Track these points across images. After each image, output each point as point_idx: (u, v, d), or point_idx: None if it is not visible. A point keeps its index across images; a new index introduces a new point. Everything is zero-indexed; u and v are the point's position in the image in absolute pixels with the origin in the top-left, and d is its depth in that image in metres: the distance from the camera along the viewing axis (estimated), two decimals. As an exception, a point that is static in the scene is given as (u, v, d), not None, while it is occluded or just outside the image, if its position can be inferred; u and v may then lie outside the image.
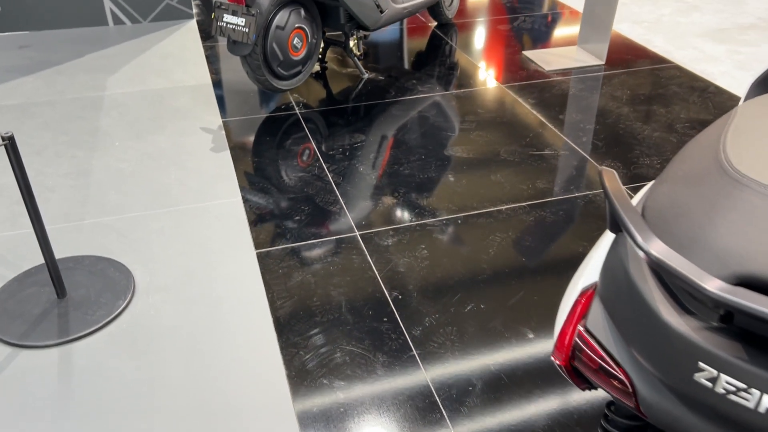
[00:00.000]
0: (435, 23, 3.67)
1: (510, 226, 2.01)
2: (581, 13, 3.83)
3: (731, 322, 0.56)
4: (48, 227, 2.00)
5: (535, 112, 2.69)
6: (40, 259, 1.86)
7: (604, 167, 0.74)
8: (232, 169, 2.30)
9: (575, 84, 2.93)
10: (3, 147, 1.46)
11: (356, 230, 2.00)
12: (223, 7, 2.45)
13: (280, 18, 2.57)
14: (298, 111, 2.71)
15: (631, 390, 0.67)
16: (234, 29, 2.44)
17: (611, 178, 0.71)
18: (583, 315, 0.74)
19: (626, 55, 3.23)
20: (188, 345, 1.58)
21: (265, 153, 2.40)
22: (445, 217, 2.06)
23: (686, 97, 2.80)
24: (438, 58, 3.22)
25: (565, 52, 3.26)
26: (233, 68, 3.10)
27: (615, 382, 0.69)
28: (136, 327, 1.63)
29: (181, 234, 1.97)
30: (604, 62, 3.13)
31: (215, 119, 2.63)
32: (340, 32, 3.01)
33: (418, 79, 2.99)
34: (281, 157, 2.38)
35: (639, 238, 0.57)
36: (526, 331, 1.63)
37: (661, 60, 3.18)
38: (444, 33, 3.54)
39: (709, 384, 0.56)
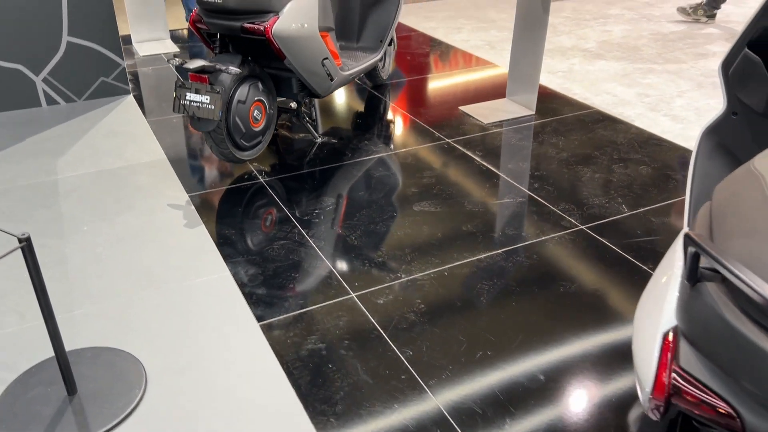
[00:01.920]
0: (371, 84, 3.85)
1: (493, 274, 2.15)
2: (501, 67, 4.15)
3: None
4: (35, 323, 1.93)
5: (485, 164, 2.89)
6: (36, 358, 1.80)
7: (689, 231, 0.86)
8: (212, 244, 2.32)
9: (513, 134, 3.18)
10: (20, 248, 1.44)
11: (352, 292, 2.07)
12: (186, 86, 2.50)
13: (241, 92, 2.65)
14: (262, 179, 2.76)
15: (738, 418, 0.80)
16: (199, 107, 2.49)
17: (699, 237, 0.84)
18: (674, 357, 0.88)
19: (552, 104, 3.53)
20: (217, 428, 1.59)
21: (241, 224, 2.44)
22: (432, 271, 2.17)
23: (613, 139, 3.11)
24: (383, 119, 3.38)
25: (497, 105, 3.52)
26: (185, 142, 3.11)
27: (718, 413, 0.82)
28: (158, 415, 1.62)
29: (177, 314, 1.97)
30: (534, 112, 3.41)
31: (181, 194, 2.64)
32: (291, 100, 3.11)
33: (369, 140, 3.13)
34: (257, 226, 2.42)
35: (759, 287, 0.71)
36: (537, 375, 1.76)
37: (583, 106, 3.50)
38: (382, 93, 3.72)
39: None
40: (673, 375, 0.87)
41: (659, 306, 0.97)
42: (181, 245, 2.30)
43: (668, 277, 0.99)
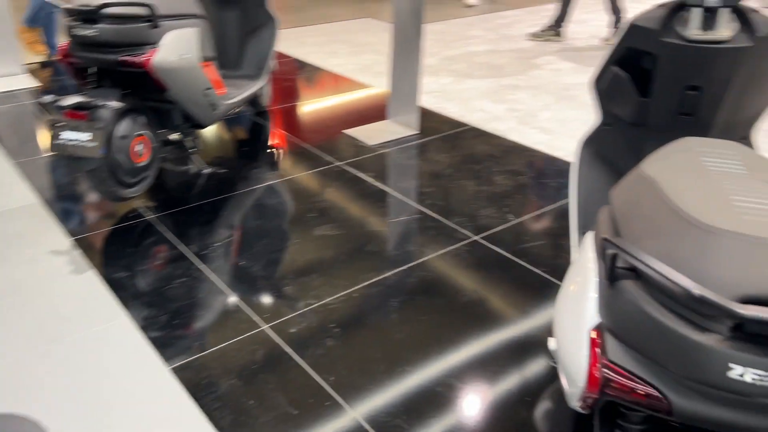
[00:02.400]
0: (254, 112, 3.81)
1: (400, 290, 2.21)
2: (379, 89, 4.27)
3: (741, 330, 0.82)
4: None
5: (377, 184, 2.96)
6: None
7: (607, 236, 0.95)
8: (105, 289, 2.18)
9: (400, 154, 3.28)
10: None
11: (263, 324, 2.04)
12: (61, 124, 2.35)
13: (122, 127, 2.53)
14: (149, 216, 2.65)
15: (665, 401, 0.90)
16: (77, 145, 2.35)
17: (618, 240, 0.93)
18: (600, 350, 0.97)
19: (432, 123, 3.69)
20: (143, 482, 1.50)
21: (133, 265, 2.32)
22: (341, 293, 2.19)
23: (492, 153, 3.30)
24: (270, 146, 3.36)
25: (380, 127, 3.62)
26: (61, 182, 2.91)
27: (647, 398, 0.91)
28: (74, 480, 1.50)
29: (80, 369, 1.84)
30: (418, 131, 3.54)
31: (62, 239, 2.46)
32: (175, 132, 3.01)
33: (258, 168, 3.10)
34: (152, 266, 2.32)
35: (678, 280, 0.80)
36: (453, 382, 1.82)
37: (460, 124, 3.69)
38: (265, 120, 3.70)
39: (741, 378, 0.81)
40: (604, 369, 0.95)
41: (580, 307, 1.06)
42: (71, 294, 2.15)
43: (583, 280, 1.09)
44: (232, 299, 2.15)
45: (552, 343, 1.36)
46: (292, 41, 5.47)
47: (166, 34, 2.57)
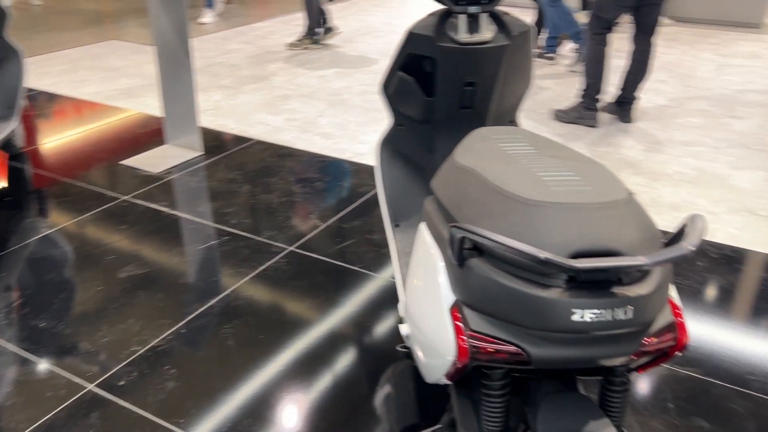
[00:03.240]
0: (8, 155, 3.39)
1: (231, 315, 2.17)
2: (147, 113, 4.07)
3: (575, 281, 0.99)
4: None
5: (175, 213, 2.84)
6: None
7: (455, 224, 1.06)
8: None
9: (190, 178, 3.19)
10: None
11: (88, 384, 1.87)
12: None
13: None
14: None
15: (524, 354, 1.05)
16: None
17: (466, 225, 1.05)
18: (462, 323, 1.09)
19: (215, 142, 3.63)
20: None
21: None
22: (168, 332, 2.09)
23: (284, 164, 3.36)
24: (37, 190, 3.03)
25: (161, 153, 3.47)
26: None
27: (509, 355, 1.06)
28: None
29: None
30: (202, 152, 3.46)
31: None
32: None
33: (30, 218, 2.78)
34: (-67, 351, 1.98)
35: (526, 249, 0.94)
36: (304, 388, 1.86)
37: (243, 139, 3.68)
38: (22, 163, 3.32)
39: (581, 319, 0.98)
40: (469, 339, 1.08)
41: (435, 290, 1.18)
42: None
43: (432, 267, 1.21)
44: (43, 366, 1.93)
45: (404, 328, 1.47)
46: (32, 73, 4.94)
47: None
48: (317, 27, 5.62)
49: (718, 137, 3.72)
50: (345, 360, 1.98)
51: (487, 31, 1.76)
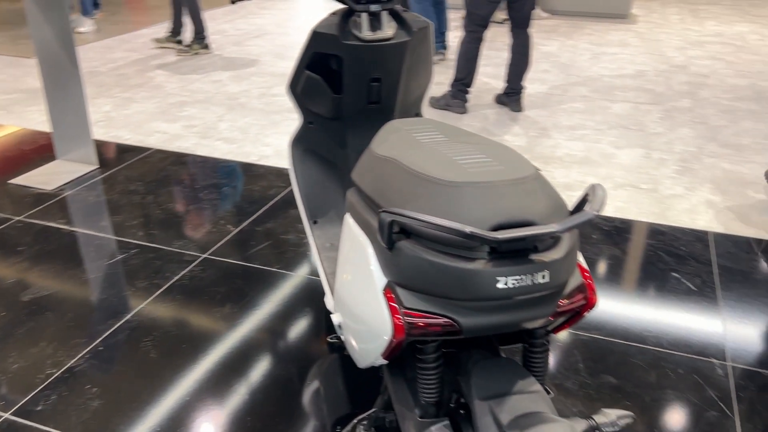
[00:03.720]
0: None
1: (150, 327, 2.12)
2: (28, 128, 3.85)
3: (497, 251, 1.07)
4: None
5: (76, 230, 2.72)
6: None
7: (384, 209, 1.11)
8: None
9: (88, 192, 3.06)
10: None
11: (4, 412, 1.78)
12: None
13: None
14: None
15: (456, 324, 1.12)
16: None
17: (395, 210, 1.10)
18: (396, 303, 1.14)
19: (110, 154, 3.49)
20: None
21: None
22: (85, 351, 2.01)
23: (187, 171, 3.29)
24: None
25: (53, 169, 3.30)
26: None
27: (442, 327, 1.12)
28: None
29: None
30: (98, 165, 3.32)
31: None
32: None
33: None
34: None
35: (454, 225, 1.01)
36: (233, 389, 1.86)
37: (141, 149, 3.57)
38: None
39: (505, 286, 1.06)
40: (405, 316, 1.14)
41: (366, 275, 1.23)
42: None
43: (362, 253, 1.26)
44: (-52, 401, 1.81)
45: (336, 317, 1.52)
46: None
47: None
48: (200, 35, 5.49)
49: (599, 120, 4.02)
50: (273, 359, 1.99)
51: (389, 28, 1.83)
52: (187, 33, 5.71)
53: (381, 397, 1.64)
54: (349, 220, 1.38)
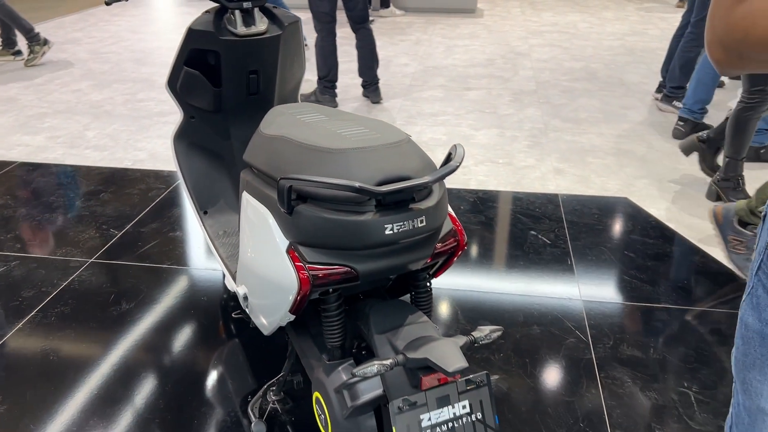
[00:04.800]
0: None
1: (43, 335, 2.11)
2: None
3: (381, 204, 1.25)
4: None
5: (-56, 248, 2.60)
6: None
7: (283, 177, 1.25)
8: None
9: (-49, 210, 2.91)
10: None
11: None
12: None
13: None
14: None
15: (353, 271, 1.29)
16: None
17: (293, 176, 1.24)
18: (299, 259, 1.29)
19: (-30, 170, 3.32)
20: None
21: None
22: (-23, 365, 1.98)
23: (59, 182, 3.21)
24: None
25: None
26: None
27: (342, 275, 1.29)
28: None
29: None
30: (-42, 183, 3.15)
31: None
32: None
33: None
34: None
35: (357, 185, 1.18)
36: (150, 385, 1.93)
37: (5, 163, 3.42)
38: None
39: (392, 232, 1.25)
40: (309, 270, 1.29)
41: (270, 240, 1.37)
42: None
43: (263, 221, 1.39)
44: None
45: (242, 289, 1.64)
46: None
47: None
48: (30, 34, 5.12)
49: (458, 106, 4.38)
50: (178, 347, 2.07)
51: (262, 24, 1.97)
52: (22, 42, 5.43)
53: (288, 361, 1.79)
54: (247, 197, 1.51)
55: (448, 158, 1.37)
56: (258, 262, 1.46)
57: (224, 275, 1.99)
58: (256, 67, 2.03)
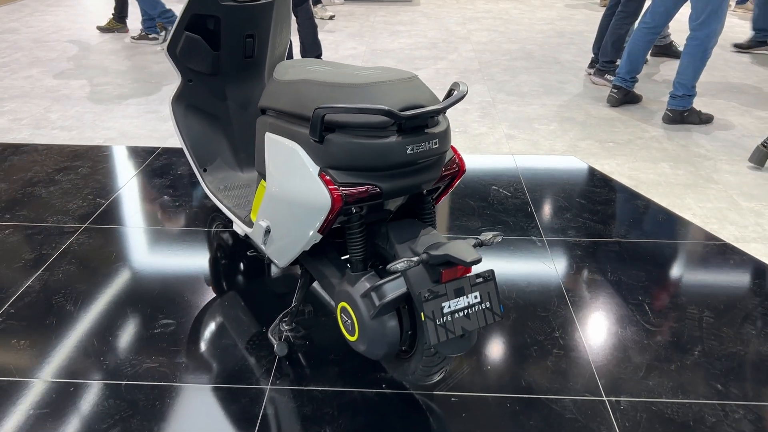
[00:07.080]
0: None
1: (55, 289, 2.22)
2: None
3: (401, 128, 1.48)
4: None
5: (-70, 222, 2.64)
6: None
7: (320, 106, 1.44)
8: None
9: (-73, 188, 2.92)
10: None
11: (-68, 378, 1.82)
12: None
13: None
14: None
15: (378, 188, 1.51)
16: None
17: (327, 105, 1.45)
18: (331, 182, 1.50)
19: (-63, 152, 3.31)
20: None
21: None
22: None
23: (33, 159, 3.26)
24: None
25: None
26: None
27: (368, 192, 1.51)
28: None
29: None
30: (-72, 163, 3.15)
31: None
32: None
33: None
34: None
35: (386, 107, 1.40)
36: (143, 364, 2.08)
37: (-30, 144, 3.42)
38: None
39: (413, 151, 1.47)
40: (340, 188, 1.50)
41: (301, 168, 1.56)
42: None
43: (291, 154, 1.58)
44: None
45: (264, 222, 1.83)
46: None
47: None
48: None
49: (409, 83, 4.63)
50: (188, 303, 2.23)
51: (248, -10, 2.16)
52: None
53: (299, 292, 1.98)
54: (270, 136, 1.70)
55: (451, 91, 1.61)
56: (287, 192, 1.66)
57: (233, 221, 2.15)
58: (253, 31, 2.22)
